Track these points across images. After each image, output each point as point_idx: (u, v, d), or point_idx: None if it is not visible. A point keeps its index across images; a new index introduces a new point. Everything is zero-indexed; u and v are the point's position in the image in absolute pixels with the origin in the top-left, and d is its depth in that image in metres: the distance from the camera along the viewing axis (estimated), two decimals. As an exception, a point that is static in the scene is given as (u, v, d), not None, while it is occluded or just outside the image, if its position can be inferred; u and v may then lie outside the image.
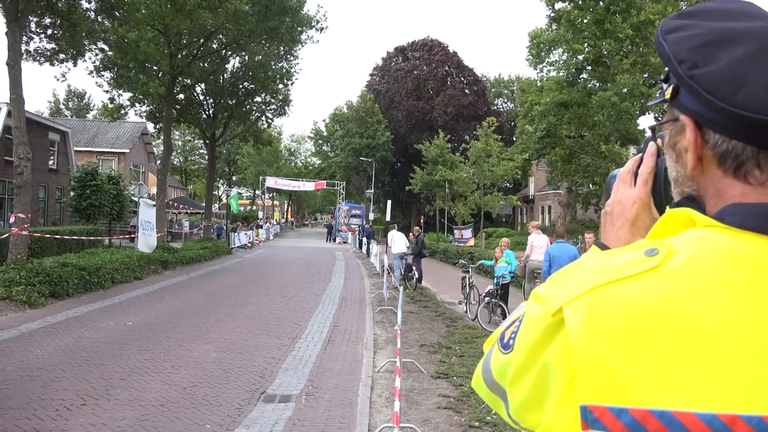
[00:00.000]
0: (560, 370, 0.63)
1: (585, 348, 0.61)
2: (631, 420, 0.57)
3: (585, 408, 0.59)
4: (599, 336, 0.61)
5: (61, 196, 29.84)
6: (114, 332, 9.60)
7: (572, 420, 0.61)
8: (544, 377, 0.66)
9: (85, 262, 14.33)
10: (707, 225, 0.66)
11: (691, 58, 0.66)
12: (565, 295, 0.65)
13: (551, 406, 0.65)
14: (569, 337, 0.62)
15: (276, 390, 6.74)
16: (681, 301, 0.60)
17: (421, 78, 55.08)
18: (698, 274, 0.61)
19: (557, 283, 0.69)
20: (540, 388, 0.67)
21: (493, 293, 11.47)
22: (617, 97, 21.36)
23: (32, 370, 7.14)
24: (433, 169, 36.70)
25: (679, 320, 0.59)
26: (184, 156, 72.42)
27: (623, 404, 0.58)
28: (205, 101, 31.55)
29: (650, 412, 0.56)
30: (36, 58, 17.93)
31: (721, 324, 0.58)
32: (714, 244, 0.63)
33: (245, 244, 33.87)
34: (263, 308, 12.60)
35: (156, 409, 5.91)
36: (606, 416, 0.58)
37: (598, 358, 0.60)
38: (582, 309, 0.63)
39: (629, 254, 0.66)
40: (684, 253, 0.63)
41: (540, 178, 52.45)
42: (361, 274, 21.44)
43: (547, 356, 0.65)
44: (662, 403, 0.56)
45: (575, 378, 0.61)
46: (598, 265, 0.67)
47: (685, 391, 0.56)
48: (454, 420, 5.88)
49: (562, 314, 0.64)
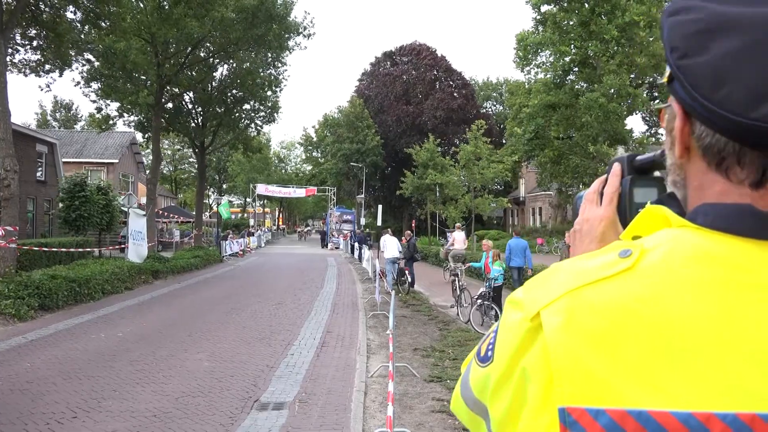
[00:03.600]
0: (537, 375, 0.63)
1: (562, 350, 0.61)
2: (608, 421, 0.57)
3: (563, 410, 0.59)
4: (576, 338, 0.61)
5: (49, 207, 29.62)
6: (105, 343, 9.53)
7: (549, 425, 0.61)
8: (522, 385, 0.65)
9: (74, 273, 14.22)
10: (680, 225, 0.66)
11: (683, 46, 0.65)
12: (543, 299, 0.65)
13: (527, 413, 0.64)
14: (547, 340, 0.62)
15: (269, 397, 6.71)
16: (654, 302, 0.60)
17: (409, 82, 55.21)
18: (670, 274, 0.62)
19: (534, 287, 0.69)
20: (519, 397, 0.66)
21: (485, 295, 11.49)
22: (604, 98, 21.50)
23: (22, 384, 7.07)
24: (424, 173, 36.75)
25: (652, 320, 0.59)
26: (174, 165, 72.14)
27: (601, 405, 0.58)
28: (193, 110, 31.45)
29: (627, 413, 0.57)
30: (21, 70, 17.83)
31: (693, 323, 0.58)
32: (686, 244, 0.64)
33: (237, 252, 33.75)
34: (256, 316, 12.55)
35: (148, 420, 5.86)
36: (584, 418, 0.58)
37: (576, 360, 0.60)
38: (559, 312, 0.63)
39: (604, 257, 0.67)
40: (657, 253, 0.64)
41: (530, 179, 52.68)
42: (353, 280, 21.41)
43: (525, 362, 0.65)
44: (639, 403, 0.57)
45: (553, 381, 0.61)
46: (574, 268, 0.67)
47: (660, 391, 0.57)
48: (448, 423, 5.88)
49: (539, 319, 0.64)
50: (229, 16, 23.12)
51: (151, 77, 24.34)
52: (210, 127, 31.60)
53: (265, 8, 24.19)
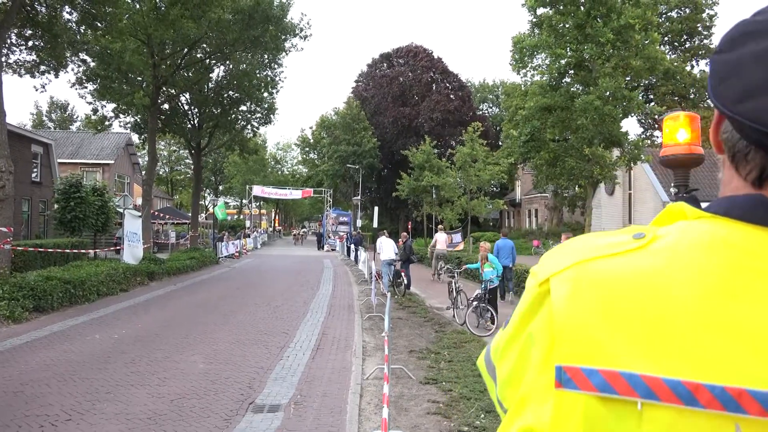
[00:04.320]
0: (541, 339, 0.68)
1: (566, 314, 0.66)
2: (600, 380, 0.61)
3: (560, 368, 0.64)
4: (580, 304, 0.65)
5: (44, 208, 29.52)
6: (100, 345, 9.49)
7: (547, 385, 0.66)
8: (527, 348, 0.70)
9: (69, 275, 14.17)
10: (696, 216, 0.70)
11: (722, 45, 0.69)
12: (554, 267, 0.70)
13: (530, 375, 0.69)
14: (552, 304, 0.67)
15: (265, 400, 6.70)
16: (658, 277, 0.64)
17: (406, 84, 55.23)
18: (678, 254, 0.65)
19: (549, 257, 0.74)
20: (523, 359, 0.71)
21: (481, 297, 11.49)
22: (600, 101, 21.52)
23: (16, 386, 7.04)
24: (420, 175, 36.74)
25: (654, 294, 0.63)
26: (170, 166, 72.01)
27: (595, 366, 0.62)
28: (189, 111, 31.40)
29: (619, 374, 0.61)
30: (17, 70, 17.76)
31: (692, 299, 0.62)
32: (697, 230, 0.68)
33: (233, 254, 33.69)
34: (251, 318, 12.53)
35: (143, 423, 5.85)
36: (578, 376, 0.63)
37: (577, 323, 0.65)
38: (567, 280, 0.68)
39: (619, 237, 0.71)
40: (668, 237, 0.68)
41: (526, 181, 52.75)
42: (349, 282, 21.39)
43: (532, 326, 0.70)
44: (631, 367, 0.60)
45: (554, 344, 0.66)
46: (588, 243, 0.72)
47: (653, 358, 0.60)
48: (444, 425, 5.88)
49: (548, 285, 0.69)
50: (225, 17, 23.10)
51: (147, 78, 24.29)
52: (206, 128, 31.55)
53: (261, 9, 24.19)
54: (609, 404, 0.61)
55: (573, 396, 0.63)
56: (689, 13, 44.83)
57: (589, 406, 0.62)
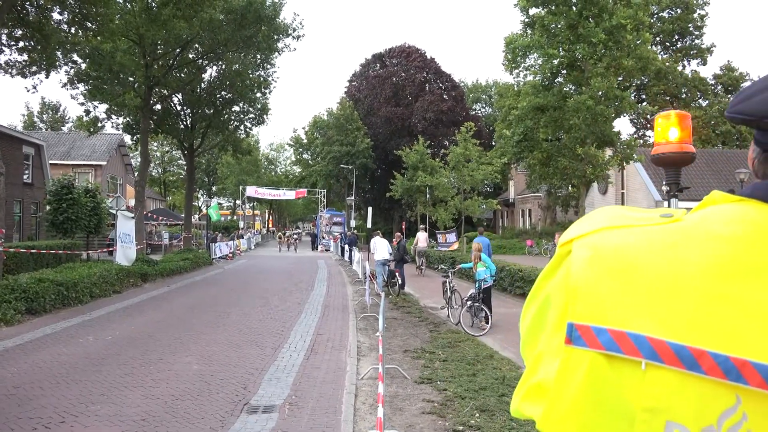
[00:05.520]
0: (557, 298, 0.71)
1: (582, 275, 0.69)
2: (608, 339, 0.64)
3: (571, 325, 0.67)
4: (597, 266, 0.68)
5: (36, 210, 29.34)
6: (93, 347, 9.45)
7: (559, 345, 0.69)
8: (545, 308, 0.73)
9: (62, 277, 14.08)
10: (725, 200, 0.73)
11: None
12: (578, 231, 0.74)
13: (546, 334, 0.72)
14: (571, 264, 0.70)
15: (259, 401, 6.69)
16: (674, 247, 0.67)
17: (399, 84, 55.24)
18: (697, 229, 0.68)
19: (577, 224, 0.78)
20: (540, 319, 0.74)
21: (475, 297, 11.51)
22: (592, 101, 21.63)
23: (8, 389, 6.99)
24: (414, 175, 36.79)
25: (669, 262, 0.65)
26: (163, 167, 71.71)
27: (604, 325, 0.65)
28: (182, 111, 31.29)
29: (626, 334, 0.63)
30: (7, 71, 17.64)
31: (705, 269, 0.64)
32: (722, 209, 0.71)
33: (226, 255, 33.60)
34: (245, 319, 12.50)
35: (137, 424, 5.82)
36: (588, 334, 0.65)
37: (590, 285, 0.67)
38: (588, 244, 0.71)
39: (647, 213, 0.75)
40: (694, 216, 0.71)
41: (519, 181, 52.88)
42: (343, 282, 21.38)
43: (550, 286, 0.74)
44: (639, 329, 0.63)
45: (568, 304, 0.69)
46: (615, 213, 0.76)
47: (661, 322, 0.63)
48: (438, 424, 5.88)
49: (570, 246, 0.73)
50: (217, 17, 23.03)
51: (139, 79, 24.17)
52: (199, 128, 31.45)
53: (253, 9, 24.13)
54: (614, 363, 0.63)
55: (580, 353, 0.65)
56: (680, 14, 45.08)
57: (594, 363, 0.64)
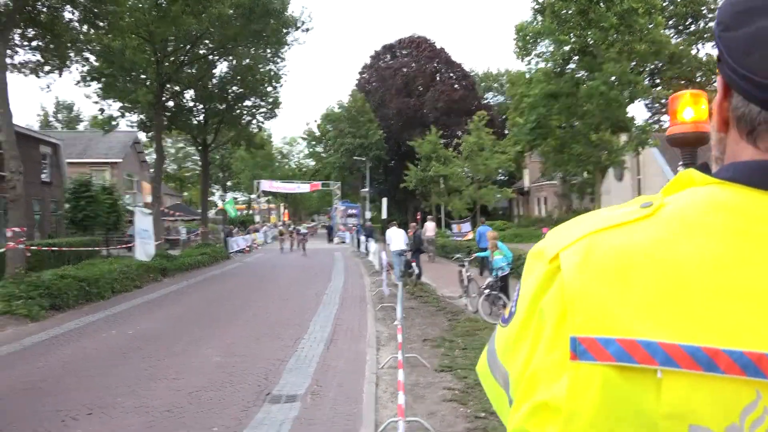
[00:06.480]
0: (552, 311, 0.66)
1: (577, 285, 0.64)
2: (618, 349, 0.60)
3: (574, 339, 0.62)
4: (592, 274, 0.64)
5: (56, 208, 29.71)
6: (116, 341, 9.60)
7: (560, 359, 0.64)
8: (540, 330, 0.67)
9: (84, 273, 14.30)
10: (704, 182, 0.70)
11: (728, 21, 0.69)
12: (563, 242, 0.69)
13: (540, 352, 0.67)
14: (563, 276, 0.66)
15: (281, 390, 6.76)
16: (667, 244, 0.64)
17: (410, 75, 55.00)
18: (684, 220, 0.65)
19: (555, 234, 0.72)
20: (537, 344, 0.68)
21: (492, 285, 11.51)
22: (605, 86, 21.43)
23: (36, 383, 7.15)
24: (427, 165, 36.74)
25: (664, 261, 0.63)
26: (178, 163, 72.19)
27: (611, 335, 0.61)
28: (195, 107, 31.44)
29: (637, 342, 0.60)
30: (21, 70, 17.84)
31: (703, 265, 0.62)
32: (703, 195, 0.68)
33: (243, 249, 33.85)
34: (264, 311, 12.62)
35: (162, 415, 5.93)
36: (594, 346, 0.61)
37: (590, 294, 0.63)
38: (577, 252, 0.66)
39: (627, 208, 0.71)
40: (675, 204, 0.68)
41: (534, 170, 52.49)
42: (360, 273, 21.46)
43: (543, 303, 0.68)
44: (648, 335, 0.60)
45: (566, 315, 0.64)
46: (596, 217, 0.72)
47: (669, 325, 0.60)
48: (460, 412, 5.92)
49: (558, 260, 0.67)
50: (226, 12, 23.08)
51: (151, 76, 24.34)
52: (212, 124, 31.61)
53: (261, 3, 24.14)
54: (627, 373, 0.60)
55: (589, 367, 0.61)
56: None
57: (606, 376, 0.60)
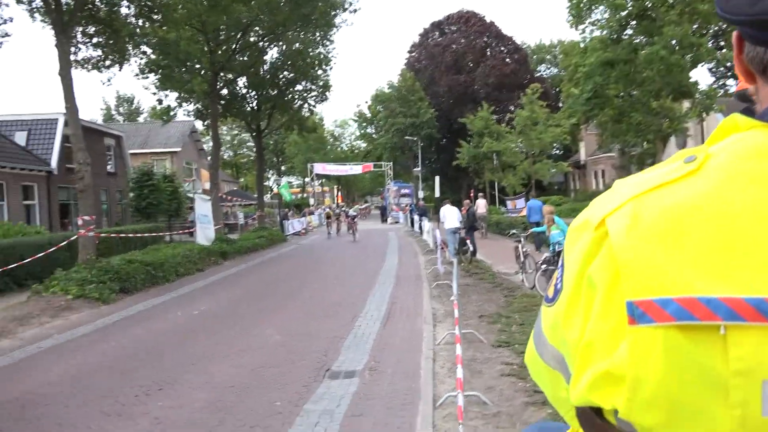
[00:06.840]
0: (602, 279, 0.64)
1: (628, 248, 0.63)
2: (677, 308, 0.59)
3: (631, 303, 0.61)
4: (642, 236, 0.63)
5: (121, 197, 31.01)
6: (182, 322, 10.01)
7: (617, 326, 0.62)
8: (590, 297, 0.66)
9: (149, 258, 14.93)
10: (749, 127, 0.68)
11: None
12: (607, 208, 0.68)
13: (593, 320, 0.65)
14: (612, 242, 0.64)
15: (340, 367, 6.90)
16: (717, 197, 0.62)
17: (459, 51, 54.20)
18: (732, 170, 0.63)
19: (597, 203, 0.71)
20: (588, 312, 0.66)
21: (550, 260, 11.32)
22: (665, 51, 20.49)
23: (111, 361, 7.54)
24: (479, 142, 36.27)
25: (716, 214, 0.61)
26: (233, 150, 73.87)
27: (668, 295, 0.59)
28: (247, 94, 32.00)
29: (697, 299, 0.58)
30: (84, 66, 18.56)
31: (756, 213, 0.60)
32: (749, 142, 0.65)
33: (299, 231, 34.46)
34: (320, 291, 12.84)
35: (227, 391, 6.15)
36: (652, 308, 0.60)
37: (642, 256, 0.62)
38: (624, 216, 0.65)
39: (670, 165, 0.69)
40: (721, 155, 0.66)
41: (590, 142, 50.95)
42: (414, 252, 21.51)
43: (591, 270, 0.66)
44: (708, 291, 0.58)
45: (618, 281, 0.62)
46: (639, 179, 0.70)
47: (730, 279, 0.58)
48: (519, 386, 5.89)
49: (604, 226, 0.66)
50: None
51: (205, 65, 24.88)
52: (265, 110, 32.12)
53: (308, -14, 24.20)
54: (689, 332, 0.58)
55: (649, 330, 0.59)
56: (762, -51, 41.71)
57: (668, 338, 0.59)
